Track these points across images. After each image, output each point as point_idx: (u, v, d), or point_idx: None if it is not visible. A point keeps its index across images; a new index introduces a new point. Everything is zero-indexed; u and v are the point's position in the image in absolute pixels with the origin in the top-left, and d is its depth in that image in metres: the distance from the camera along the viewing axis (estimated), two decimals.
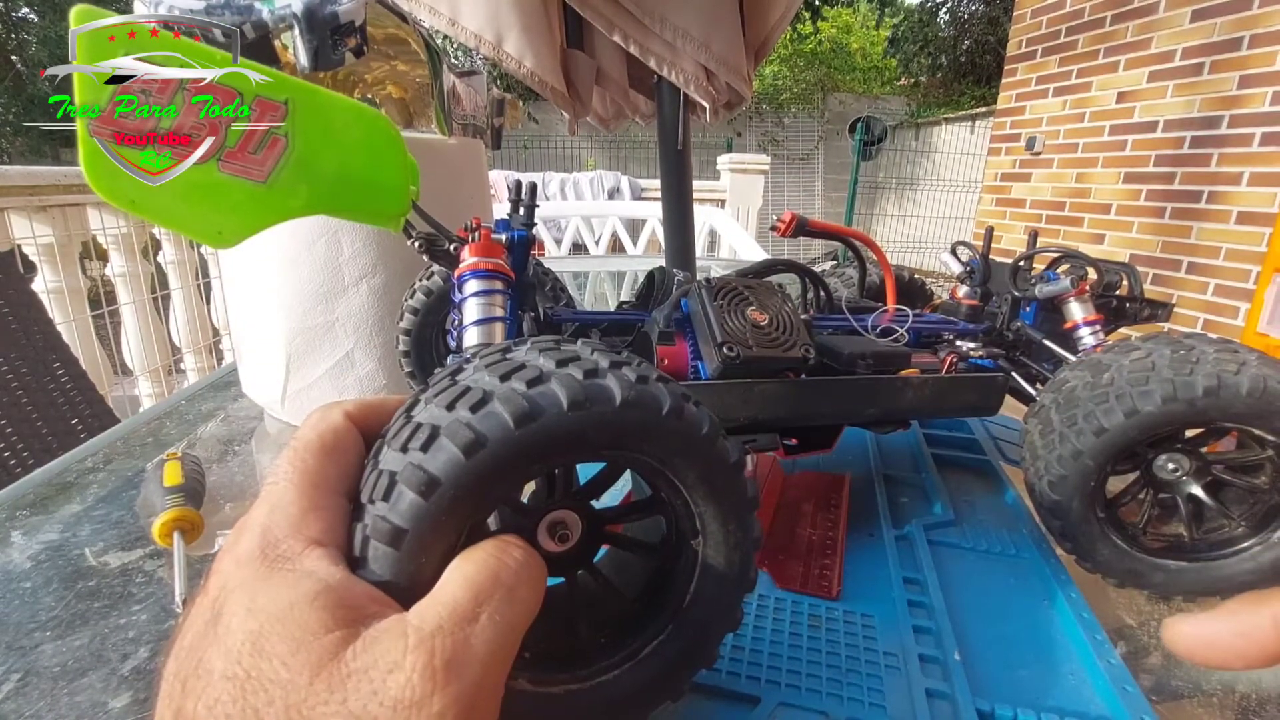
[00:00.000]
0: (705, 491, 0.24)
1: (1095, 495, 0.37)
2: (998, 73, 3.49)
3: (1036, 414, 0.40)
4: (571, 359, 0.22)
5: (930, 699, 0.30)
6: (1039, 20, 3.06)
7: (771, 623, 0.35)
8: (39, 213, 1.66)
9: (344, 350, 0.60)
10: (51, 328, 1.08)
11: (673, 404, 0.22)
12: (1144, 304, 0.50)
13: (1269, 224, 2.07)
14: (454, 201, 0.66)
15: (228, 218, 0.32)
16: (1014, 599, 0.39)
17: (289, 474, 0.21)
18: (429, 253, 0.38)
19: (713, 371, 0.36)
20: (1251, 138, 2.19)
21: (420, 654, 0.17)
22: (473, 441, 0.19)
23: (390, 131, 0.33)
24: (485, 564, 0.20)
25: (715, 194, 3.19)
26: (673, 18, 0.67)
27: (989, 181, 3.46)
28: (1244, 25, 2.20)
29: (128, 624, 0.36)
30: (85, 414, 1.02)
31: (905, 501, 0.50)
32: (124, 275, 1.85)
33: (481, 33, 0.65)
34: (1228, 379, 0.34)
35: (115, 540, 0.44)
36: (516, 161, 6.53)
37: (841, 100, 7.65)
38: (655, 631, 0.26)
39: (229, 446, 0.60)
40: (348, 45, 0.52)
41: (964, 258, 0.56)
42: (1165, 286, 2.47)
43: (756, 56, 0.80)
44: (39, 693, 0.31)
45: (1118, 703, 0.30)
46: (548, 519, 0.25)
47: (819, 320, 0.46)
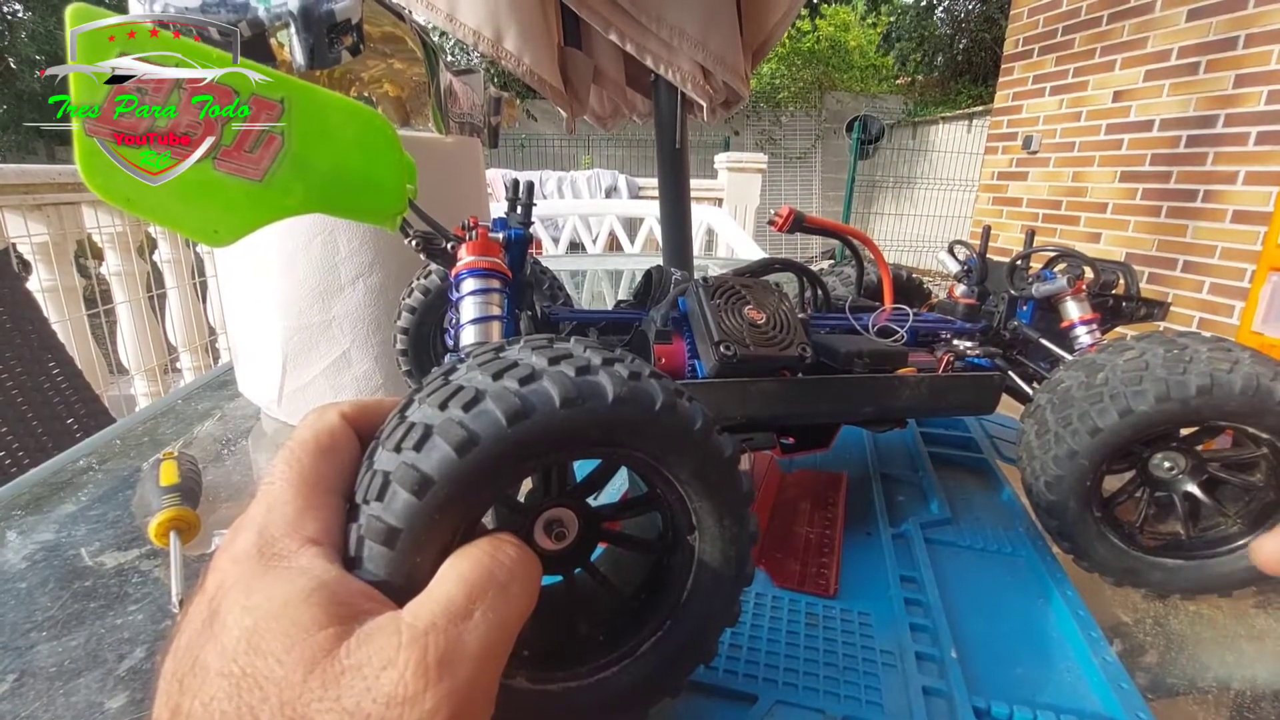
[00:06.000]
0: (700, 487, 0.24)
1: (1091, 494, 0.37)
2: (994, 71, 3.50)
3: (1032, 414, 0.40)
4: (564, 356, 0.22)
5: (927, 696, 0.30)
6: (1036, 19, 3.06)
7: (769, 621, 0.35)
8: (34, 211, 1.65)
9: (341, 349, 0.60)
10: (47, 327, 1.07)
11: (665, 400, 0.22)
12: (1140, 303, 0.50)
13: (1264, 223, 2.08)
14: (451, 200, 0.66)
15: (224, 216, 0.32)
16: (1010, 597, 0.39)
17: (285, 474, 0.21)
18: (426, 251, 0.38)
19: (710, 370, 0.36)
20: (1247, 137, 2.20)
21: (414, 651, 0.17)
22: (465, 440, 0.19)
23: (387, 130, 0.33)
24: (479, 561, 0.20)
25: (713, 193, 3.19)
26: (670, 16, 0.67)
27: (986, 180, 3.47)
28: (1239, 25, 2.21)
29: (124, 624, 0.36)
30: (81, 413, 1.02)
31: (902, 500, 0.50)
32: (119, 274, 1.85)
33: (480, 29, 0.65)
34: (1221, 377, 0.34)
35: (111, 540, 0.44)
36: (514, 160, 6.52)
37: (839, 99, 7.65)
38: (653, 628, 0.26)
39: (225, 446, 0.60)
40: (344, 43, 0.51)
41: (961, 256, 0.56)
42: (1161, 285, 2.48)
43: (755, 56, 0.80)
44: (35, 693, 0.31)
45: (1113, 700, 0.30)
46: (544, 517, 0.25)
47: (816, 319, 0.46)
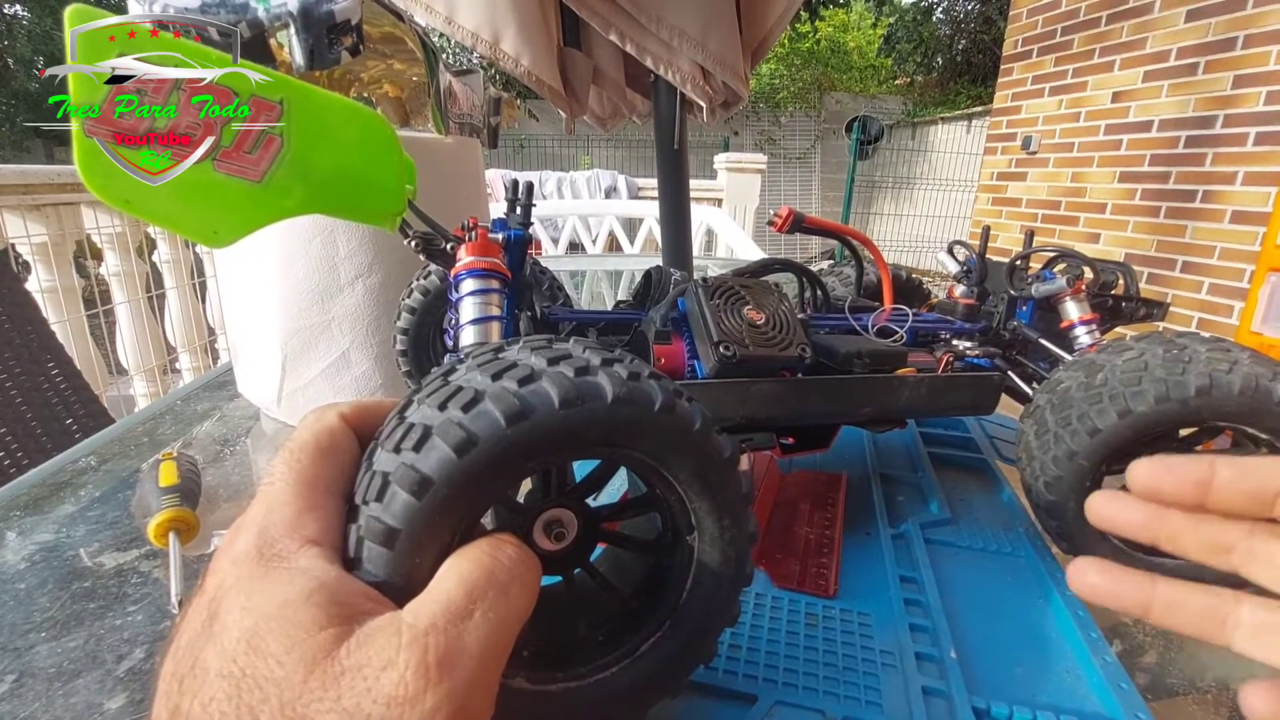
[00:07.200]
0: (699, 487, 0.24)
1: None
2: (994, 72, 3.50)
3: (1032, 414, 0.40)
4: (563, 357, 0.22)
5: (926, 697, 0.30)
6: (1035, 20, 3.06)
7: (769, 621, 0.35)
8: (33, 211, 1.65)
9: (340, 350, 0.60)
10: (46, 327, 1.07)
11: (664, 400, 0.22)
12: (1139, 303, 0.50)
13: (1263, 223, 2.08)
14: (450, 200, 0.66)
15: (223, 217, 0.32)
16: (1010, 597, 0.39)
17: (285, 475, 0.21)
18: (426, 252, 0.38)
19: (709, 370, 0.36)
20: (1246, 137, 2.20)
21: (413, 651, 0.17)
22: (465, 440, 0.19)
23: (386, 130, 0.33)
24: (479, 562, 0.20)
25: (712, 193, 3.19)
26: (669, 17, 0.67)
27: (985, 181, 3.47)
28: (1238, 25, 2.21)
29: (123, 625, 0.35)
30: (80, 414, 1.02)
31: (902, 500, 0.50)
32: (119, 274, 1.84)
33: (479, 31, 0.65)
34: (1220, 378, 0.34)
35: (110, 541, 0.44)
36: (513, 160, 6.51)
37: (838, 99, 7.65)
38: (653, 628, 0.26)
39: (225, 446, 0.60)
40: (344, 44, 0.51)
41: (961, 257, 0.56)
42: (1160, 285, 2.48)
43: (754, 56, 0.80)
44: (34, 694, 0.31)
45: (1113, 700, 0.30)
46: (543, 518, 0.25)
47: (816, 319, 0.46)
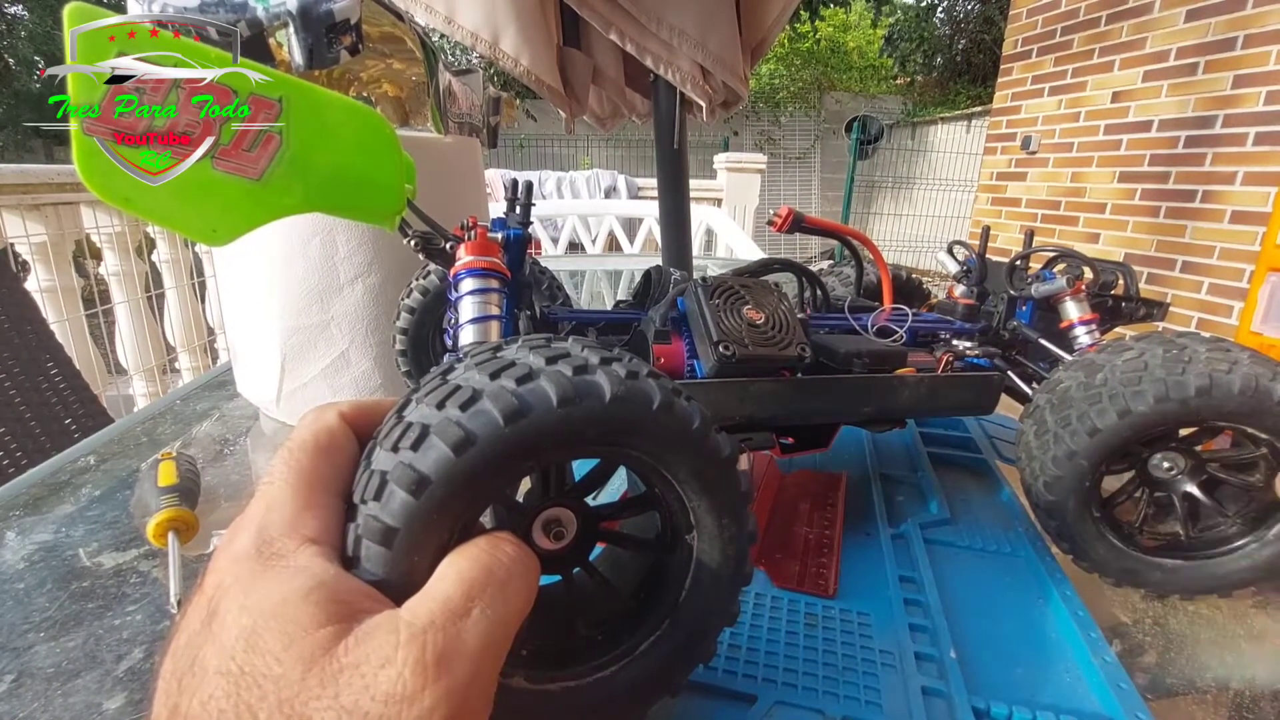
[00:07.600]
0: (698, 486, 0.24)
1: (1090, 495, 0.37)
2: (993, 72, 3.50)
3: (1031, 414, 0.40)
4: (561, 356, 0.22)
5: (926, 697, 0.30)
6: (1035, 20, 3.06)
7: (768, 621, 0.35)
8: (32, 211, 1.65)
9: (339, 349, 0.60)
10: (45, 327, 1.07)
11: (663, 399, 0.22)
12: (1139, 303, 0.50)
13: (1262, 223, 2.08)
14: (450, 200, 0.66)
15: (222, 215, 0.32)
16: (1009, 597, 0.39)
17: (284, 474, 0.21)
18: (425, 251, 0.38)
19: (709, 370, 0.36)
20: (1245, 137, 2.20)
21: (412, 649, 0.17)
22: (462, 439, 0.19)
23: (385, 130, 0.33)
24: (477, 560, 0.20)
25: (712, 193, 3.19)
26: (669, 17, 0.67)
27: (985, 180, 3.47)
28: (1238, 25, 2.21)
29: (122, 625, 0.35)
30: (79, 414, 1.02)
31: (901, 500, 0.50)
32: (118, 274, 1.84)
33: (478, 31, 0.65)
34: (1220, 378, 0.34)
35: (110, 540, 0.43)
36: (513, 160, 6.51)
37: (838, 99, 7.64)
38: (652, 627, 0.26)
39: (224, 446, 0.60)
40: (343, 43, 0.51)
41: (960, 257, 0.56)
42: (1160, 285, 2.48)
43: (753, 55, 0.80)
44: (33, 694, 0.31)
45: (1113, 700, 0.30)
46: (542, 517, 0.25)
47: (815, 319, 0.46)
